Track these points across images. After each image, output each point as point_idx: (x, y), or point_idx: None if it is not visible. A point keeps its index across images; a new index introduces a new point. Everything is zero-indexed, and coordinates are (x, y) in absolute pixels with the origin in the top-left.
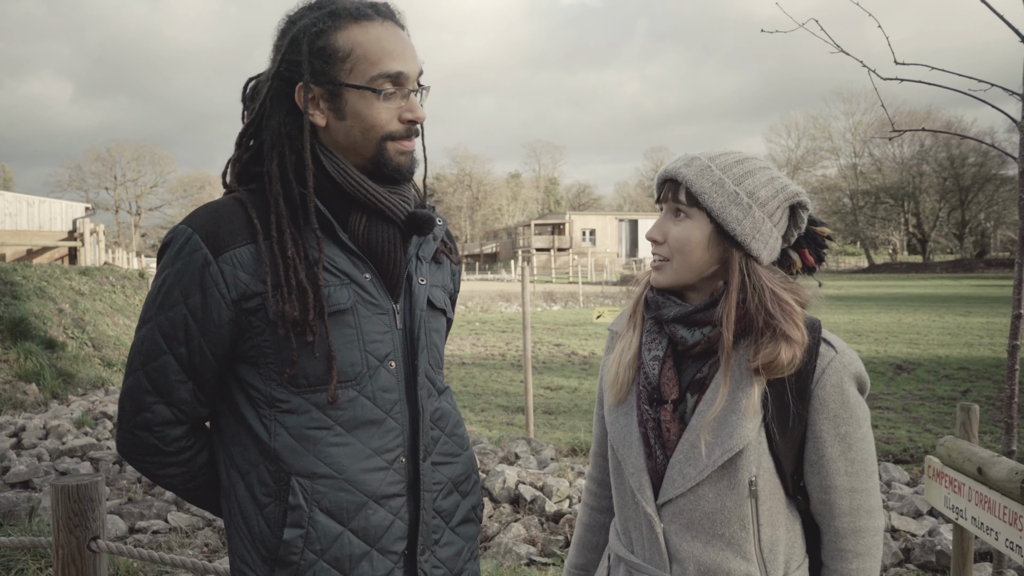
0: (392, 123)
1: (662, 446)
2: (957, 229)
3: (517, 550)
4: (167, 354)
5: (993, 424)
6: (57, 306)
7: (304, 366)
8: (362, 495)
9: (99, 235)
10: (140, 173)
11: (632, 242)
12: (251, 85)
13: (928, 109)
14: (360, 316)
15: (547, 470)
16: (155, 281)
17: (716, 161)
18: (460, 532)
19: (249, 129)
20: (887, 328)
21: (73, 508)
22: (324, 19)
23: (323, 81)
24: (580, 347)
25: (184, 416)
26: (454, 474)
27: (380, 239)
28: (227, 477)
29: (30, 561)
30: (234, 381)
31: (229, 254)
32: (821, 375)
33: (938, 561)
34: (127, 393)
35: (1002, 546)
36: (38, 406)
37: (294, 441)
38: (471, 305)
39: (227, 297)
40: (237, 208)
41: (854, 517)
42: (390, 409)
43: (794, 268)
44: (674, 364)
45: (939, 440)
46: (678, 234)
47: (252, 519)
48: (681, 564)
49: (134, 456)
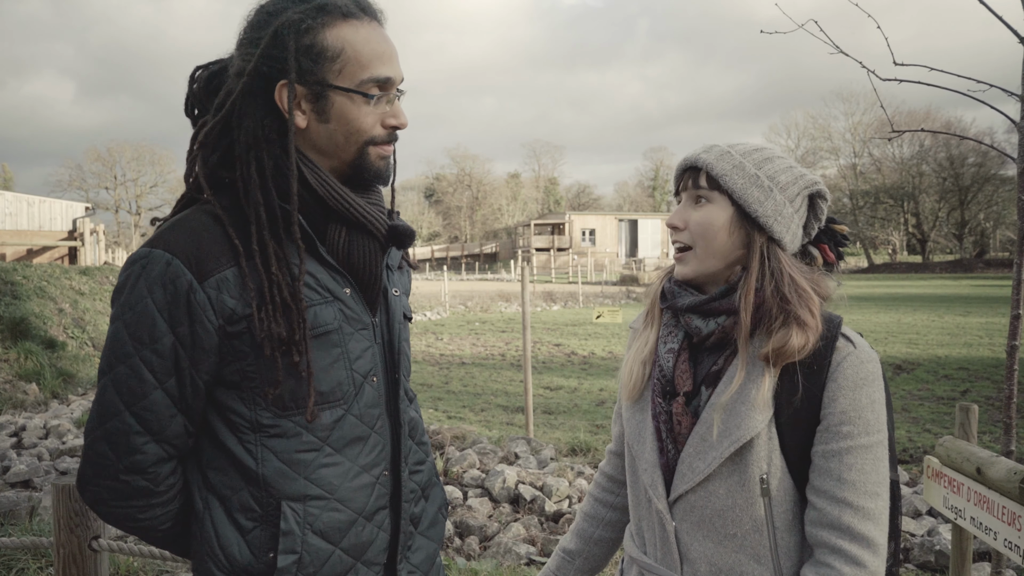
0: (376, 128)
1: (673, 440)
2: (956, 229)
3: (517, 550)
4: (157, 389)
5: (992, 424)
6: (57, 306)
7: (292, 387)
8: (353, 512)
9: (99, 235)
10: (140, 173)
11: (632, 242)
12: (202, 74)
13: (927, 110)
14: (345, 334)
15: (547, 470)
16: (125, 313)
17: (736, 148)
18: (429, 535)
19: (215, 128)
20: (886, 328)
21: (74, 507)
22: (311, 14)
23: (309, 81)
24: (580, 347)
25: (175, 452)
26: (422, 481)
27: (361, 253)
28: (201, 501)
29: (31, 561)
30: (211, 406)
31: (214, 279)
32: (836, 368)
33: (937, 561)
34: (108, 438)
35: (1001, 546)
36: (38, 406)
37: (284, 466)
38: (471, 305)
39: (214, 323)
40: (214, 226)
41: (840, 536)
42: (374, 424)
43: (815, 264)
44: (689, 357)
45: (938, 440)
46: (700, 219)
47: (232, 545)
48: (692, 565)
49: (115, 504)
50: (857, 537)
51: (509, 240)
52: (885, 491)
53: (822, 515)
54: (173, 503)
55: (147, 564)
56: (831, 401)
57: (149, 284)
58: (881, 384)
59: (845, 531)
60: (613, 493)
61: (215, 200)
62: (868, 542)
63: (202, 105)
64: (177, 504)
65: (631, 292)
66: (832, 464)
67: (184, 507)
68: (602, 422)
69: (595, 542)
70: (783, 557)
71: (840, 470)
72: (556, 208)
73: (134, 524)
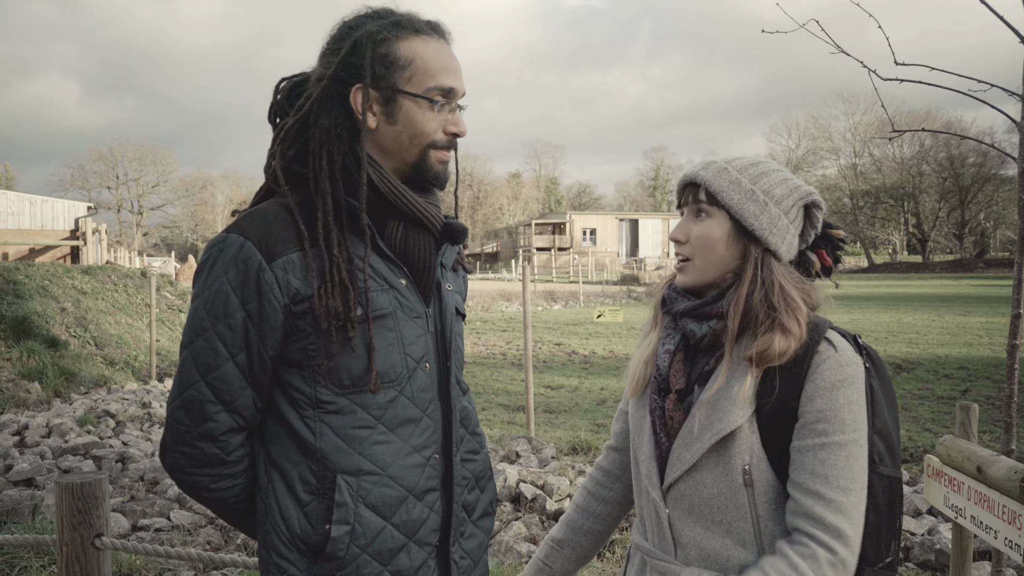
0: (437, 133)
1: (667, 433)
2: (957, 229)
3: (518, 548)
4: (229, 361)
5: (992, 423)
6: (59, 305)
7: (347, 365)
8: (403, 490)
9: (101, 234)
10: (142, 172)
11: (633, 242)
12: (285, 85)
13: (928, 109)
14: (399, 320)
15: (548, 469)
16: (204, 292)
17: (732, 163)
18: (480, 525)
19: (294, 127)
20: (887, 328)
21: (77, 505)
22: (388, 28)
23: (382, 86)
24: (581, 346)
25: (245, 423)
26: (476, 470)
27: (416, 247)
28: (265, 475)
29: (34, 559)
30: (275, 383)
31: (281, 260)
32: (814, 370)
33: (937, 560)
34: (185, 406)
35: (1001, 545)
36: (41, 404)
37: (340, 441)
38: (472, 304)
39: (280, 301)
40: (285, 215)
41: (813, 524)
42: (426, 408)
43: (813, 269)
44: (685, 358)
45: (938, 439)
46: (700, 232)
47: (292, 517)
48: (684, 549)
49: (190, 471)
50: (828, 527)
51: (510, 240)
52: (859, 487)
53: (798, 505)
54: (242, 477)
55: (149, 562)
56: (808, 400)
57: (224, 265)
58: (860, 387)
59: (818, 521)
60: (606, 487)
61: (289, 193)
62: (838, 532)
63: (284, 112)
64: (245, 479)
65: (632, 292)
66: (807, 459)
67: (251, 484)
68: (603, 421)
69: (584, 533)
70: (767, 543)
71: (814, 465)
72: (557, 208)
73: (207, 494)
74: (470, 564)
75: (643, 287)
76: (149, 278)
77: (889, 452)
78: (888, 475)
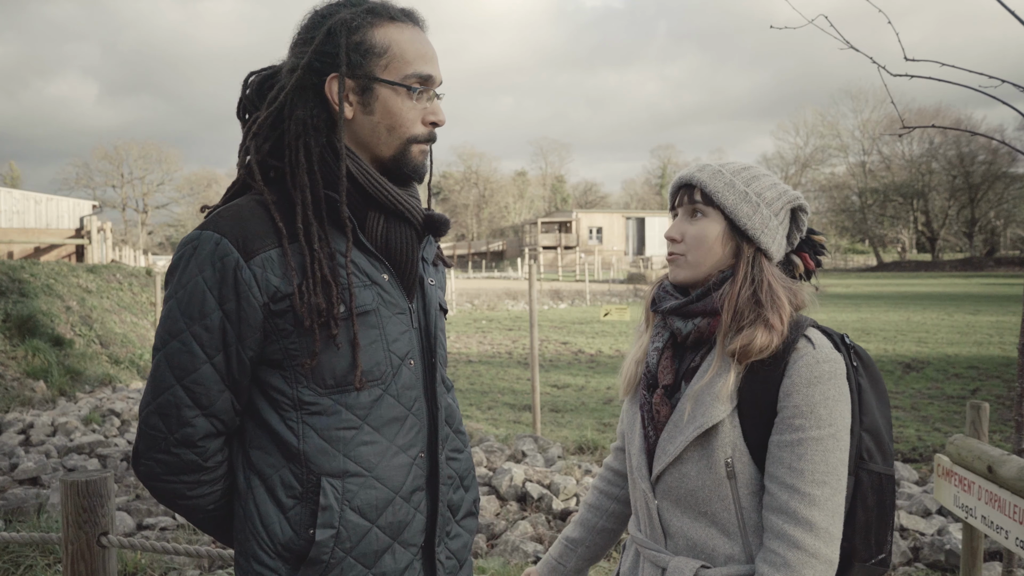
0: (416, 125)
1: (655, 427)
2: (966, 227)
3: (524, 548)
4: (206, 363)
5: (1003, 423)
6: (65, 303)
7: (330, 363)
8: (390, 491)
9: (106, 233)
10: (147, 171)
11: (639, 240)
12: (254, 79)
13: (938, 107)
14: (382, 316)
15: (554, 468)
16: (178, 292)
17: (726, 167)
18: (464, 525)
19: (268, 120)
20: (896, 326)
21: (82, 504)
22: (362, 15)
23: (357, 74)
24: (587, 345)
25: (224, 427)
26: (460, 469)
27: (398, 240)
28: (244, 480)
29: (39, 557)
30: (255, 385)
31: (259, 257)
32: (792, 366)
33: (947, 560)
34: (160, 411)
35: (1012, 545)
36: (46, 403)
37: (324, 442)
38: (478, 303)
39: (259, 300)
40: (261, 210)
41: (785, 520)
42: (412, 406)
43: (796, 272)
44: (674, 355)
45: (948, 439)
46: (695, 232)
47: (274, 522)
48: (673, 539)
49: (166, 478)
50: (801, 521)
51: (516, 238)
52: (835, 481)
53: (773, 499)
54: (220, 483)
55: (155, 560)
56: (786, 396)
57: (199, 263)
58: (838, 383)
59: (791, 515)
60: (616, 486)
61: (264, 189)
62: (811, 526)
63: (254, 107)
64: (223, 485)
65: (638, 290)
66: (784, 453)
67: (229, 491)
68: (609, 420)
69: (598, 532)
70: (750, 533)
71: (791, 459)
72: (563, 206)
73: (184, 502)
74: (455, 565)
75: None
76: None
77: (879, 449)
78: (878, 472)
